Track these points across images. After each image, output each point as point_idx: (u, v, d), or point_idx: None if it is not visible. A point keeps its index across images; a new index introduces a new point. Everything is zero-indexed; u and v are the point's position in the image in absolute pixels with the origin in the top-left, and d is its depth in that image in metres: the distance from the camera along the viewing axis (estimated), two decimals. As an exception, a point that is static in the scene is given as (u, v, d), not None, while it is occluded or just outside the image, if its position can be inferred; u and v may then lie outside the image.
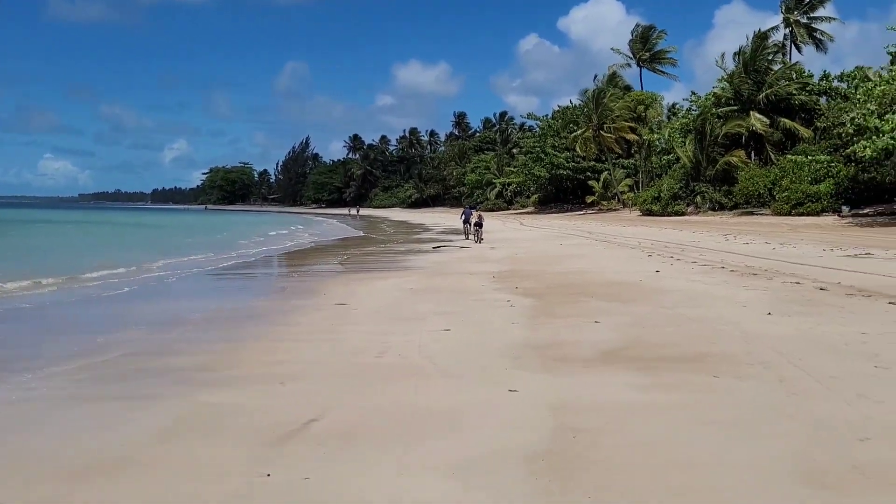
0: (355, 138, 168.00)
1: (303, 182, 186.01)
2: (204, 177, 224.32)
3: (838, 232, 29.52)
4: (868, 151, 32.37)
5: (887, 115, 32.10)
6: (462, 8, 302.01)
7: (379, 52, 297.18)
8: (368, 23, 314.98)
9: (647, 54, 76.44)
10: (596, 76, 68.30)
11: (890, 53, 35.72)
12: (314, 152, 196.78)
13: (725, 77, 51.36)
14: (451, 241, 32.18)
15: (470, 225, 30.55)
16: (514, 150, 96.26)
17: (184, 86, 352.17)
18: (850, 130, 35.21)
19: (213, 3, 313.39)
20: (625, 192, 66.00)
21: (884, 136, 31.52)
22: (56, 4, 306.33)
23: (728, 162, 47.15)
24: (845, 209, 37.39)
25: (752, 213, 42.73)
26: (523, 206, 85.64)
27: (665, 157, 59.15)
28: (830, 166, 39.56)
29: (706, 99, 53.70)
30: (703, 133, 48.70)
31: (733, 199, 46.05)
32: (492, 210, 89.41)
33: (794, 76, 49.19)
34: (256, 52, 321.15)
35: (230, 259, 24.38)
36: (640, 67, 77.45)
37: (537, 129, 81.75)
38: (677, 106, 69.61)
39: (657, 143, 61.28)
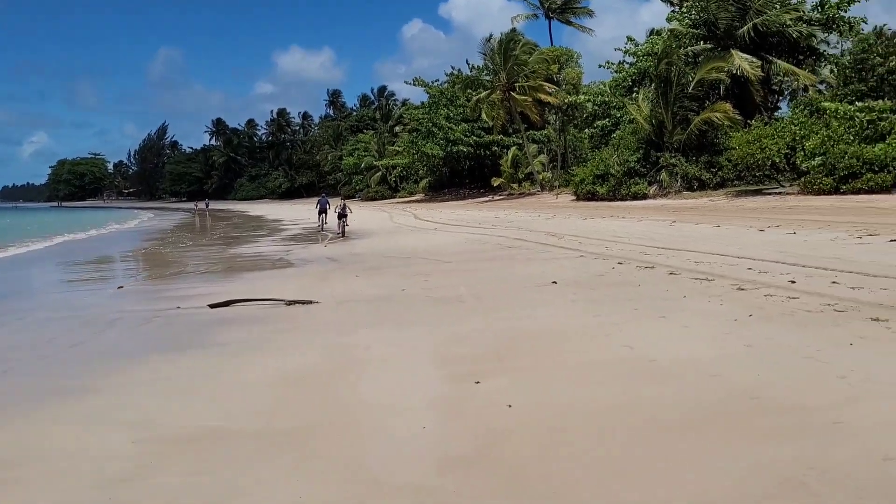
0: (218, 122, 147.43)
1: (160, 173, 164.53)
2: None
3: None
4: None
5: None
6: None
7: (258, 38, 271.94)
8: (246, 8, 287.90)
9: (558, 3, 62.13)
10: (491, 36, 52.21)
11: None
12: (172, 140, 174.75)
13: (693, 3, 36.92)
14: (298, 260, 15.96)
15: (325, 215, 28.48)
16: (398, 129, 79.99)
17: (44, 75, 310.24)
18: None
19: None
20: (540, 172, 51.20)
21: None
22: None
23: (708, 121, 32.67)
24: (930, 181, 23.59)
25: (760, 192, 28.46)
26: (411, 193, 69.57)
27: (600, 122, 44.61)
28: (881, 118, 25.82)
29: (664, 39, 39.23)
30: (669, 83, 34.07)
31: (720, 173, 31.74)
32: (374, 199, 73.14)
33: (779, 3, 35.34)
34: (125, 38, 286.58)
35: None
36: (550, 20, 63.14)
37: (427, 100, 65.08)
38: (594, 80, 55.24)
39: (585, 106, 46.72)
